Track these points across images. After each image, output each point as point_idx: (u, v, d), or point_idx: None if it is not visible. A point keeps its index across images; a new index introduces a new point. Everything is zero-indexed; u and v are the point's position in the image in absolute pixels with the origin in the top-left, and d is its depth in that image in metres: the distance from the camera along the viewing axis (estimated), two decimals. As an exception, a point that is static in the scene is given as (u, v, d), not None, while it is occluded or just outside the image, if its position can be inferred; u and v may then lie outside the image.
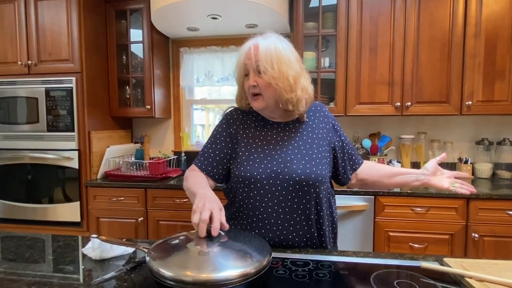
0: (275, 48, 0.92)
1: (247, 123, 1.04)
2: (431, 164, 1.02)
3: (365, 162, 1.12)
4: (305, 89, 0.96)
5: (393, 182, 1.07)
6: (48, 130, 2.16)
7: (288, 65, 0.92)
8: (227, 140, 1.03)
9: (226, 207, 1.04)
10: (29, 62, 2.16)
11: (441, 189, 1.00)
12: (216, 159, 1.02)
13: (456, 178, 1.01)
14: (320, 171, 0.94)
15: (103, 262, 0.83)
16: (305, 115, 1.02)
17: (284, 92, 0.92)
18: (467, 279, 0.71)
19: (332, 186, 1.06)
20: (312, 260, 0.83)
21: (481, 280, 0.69)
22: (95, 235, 0.83)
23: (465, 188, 0.97)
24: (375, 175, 1.09)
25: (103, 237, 0.82)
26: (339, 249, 1.01)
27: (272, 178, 0.92)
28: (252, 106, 0.99)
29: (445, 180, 0.99)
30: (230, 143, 1.02)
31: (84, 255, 0.87)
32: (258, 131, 1.01)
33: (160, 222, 2.10)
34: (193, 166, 1.05)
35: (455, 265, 0.77)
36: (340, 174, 1.06)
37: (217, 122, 1.10)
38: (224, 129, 1.04)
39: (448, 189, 0.98)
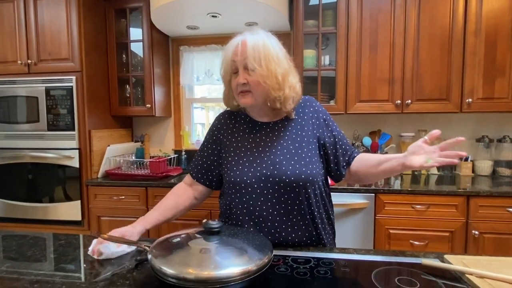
0: (263, 45, 0.89)
1: (236, 127, 1.03)
2: (415, 143, 0.84)
3: (360, 154, 1.03)
4: (293, 87, 0.93)
5: (380, 171, 0.93)
6: (49, 129, 2.16)
7: (276, 62, 0.90)
8: (213, 147, 1.04)
9: (222, 213, 1.03)
10: (29, 61, 2.16)
11: (416, 169, 0.82)
12: (204, 166, 1.05)
13: (444, 149, 0.80)
14: (310, 170, 0.92)
15: (105, 260, 0.84)
16: (293, 112, 1.00)
17: (272, 90, 0.90)
18: (467, 275, 0.71)
19: (327, 184, 1.03)
20: (313, 258, 0.83)
21: (481, 277, 0.69)
22: (97, 233, 0.83)
23: (445, 159, 0.77)
24: (365, 166, 0.99)
25: (105, 236, 0.82)
26: (339, 246, 1.01)
27: (262, 181, 0.91)
28: (240, 103, 0.96)
29: (419, 158, 0.81)
30: (216, 150, 1.03)
31: (85, 254, 0.88)
32: (247, 134, 1.00)
33: (161, 220, 2.10)
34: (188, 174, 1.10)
35: (456, 262, 0.77)
36: (333, 170, 1.01)
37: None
38: (211, 136, 1.06)
39: (421, 167, 0.79)
